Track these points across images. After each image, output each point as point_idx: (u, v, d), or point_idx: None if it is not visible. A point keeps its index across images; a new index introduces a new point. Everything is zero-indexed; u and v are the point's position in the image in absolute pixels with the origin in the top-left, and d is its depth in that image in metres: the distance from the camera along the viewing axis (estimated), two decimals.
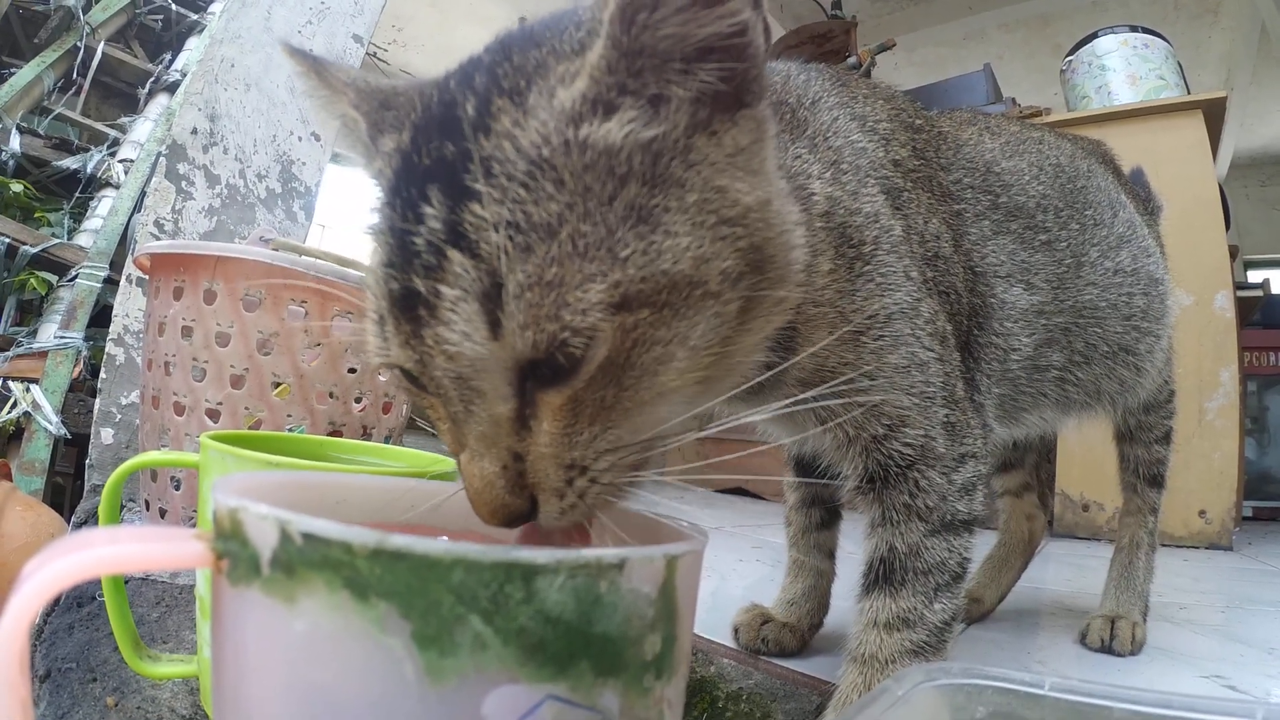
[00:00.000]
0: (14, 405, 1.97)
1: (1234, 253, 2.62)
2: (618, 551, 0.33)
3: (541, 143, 0.44)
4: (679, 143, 0.47)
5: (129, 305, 1.69)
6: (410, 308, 0.44)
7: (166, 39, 2.90)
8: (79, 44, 2.59)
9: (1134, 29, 2.81)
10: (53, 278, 2.22)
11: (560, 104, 0.45)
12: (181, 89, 2.53)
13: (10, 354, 2.04)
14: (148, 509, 1.15)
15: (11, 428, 1.96)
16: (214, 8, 2.80)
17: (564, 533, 0.47)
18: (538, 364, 0.44)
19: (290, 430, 1.09)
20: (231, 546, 0.34)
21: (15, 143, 2.37)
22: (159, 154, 1.96)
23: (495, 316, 0.42)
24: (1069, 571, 1.81)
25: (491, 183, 0.43)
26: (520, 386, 0.45)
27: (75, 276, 2.19)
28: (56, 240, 2.25)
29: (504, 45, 0.50)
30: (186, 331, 1.10)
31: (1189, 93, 2.70)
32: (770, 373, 0.59)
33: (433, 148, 0.46)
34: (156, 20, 2.88)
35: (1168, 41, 2.81)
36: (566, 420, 0.45)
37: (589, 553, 0.33)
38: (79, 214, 2.42)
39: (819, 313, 0.64)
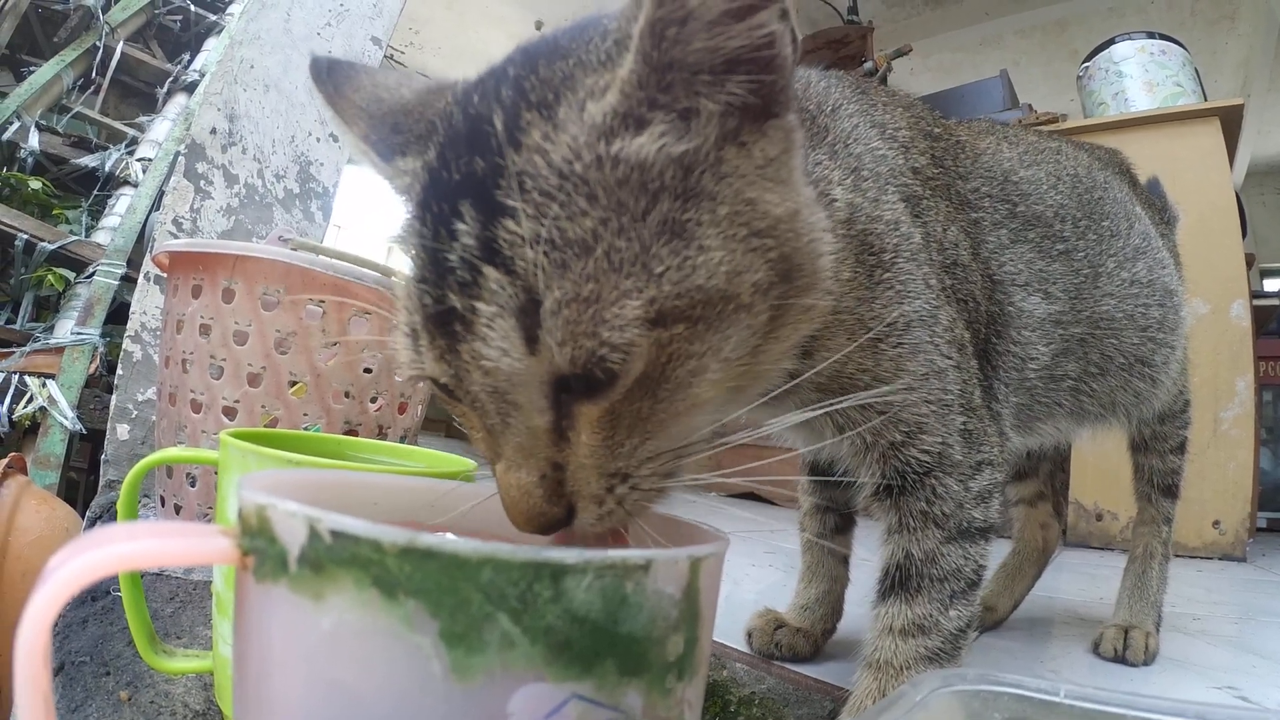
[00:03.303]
0: (30, 400, 1.98)
1: (1250, 261, 2.61)
2: (644, 553, 0.34)
3: (573, 157, 0.44)
4: (709, 155, 0.46)
5: (146, 302, 1.70)
6: (445, 323, 0.44)
7: (185, 39, 2.92)
8: (98, 43, 2.61)
9: (1151, 35, 2.80)
10: (70, 274, 2.24)
11: (591, 118, 0.45)
12: (200, 89, 2.55)
13: (27, 349, 2.06)
14: (163, 505, 1.16)
15: (27, 422, 1.98)
16: (233, 9, 2.82)
17: (599, 536, 0.48)
18: (574, 378, 0.43)
19: (307, 429, 1.09)
20: (258, 543, 0.34)
21: (34, 140, 2.40)
22: (178, 153, 1.97)
23: (533, 333, 0.42)
24: (1082, 581, 1.80)
25: (525, 198, 0.43)
26: (556, 399, 0.44)
27: (93, 273, 2.21)
28: (74, 237, 2.27)
29: (529, 56, 0.50)
30: (204, 329, 1.11)
31: (1206, 99, 2.69)
32: (792, 382, 0.59)
33: (462, 163, 0.45)
34: (175, 21, 2.90)
35: (1185, 48, 2.80)
36: (605, 432, 0.45)
37: (616, 553, 0.33)
38: (97, 211, 2.44)
39: (838, 319, 0.64)
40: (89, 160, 2.49)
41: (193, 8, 2.88)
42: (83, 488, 2.05)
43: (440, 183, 0.46)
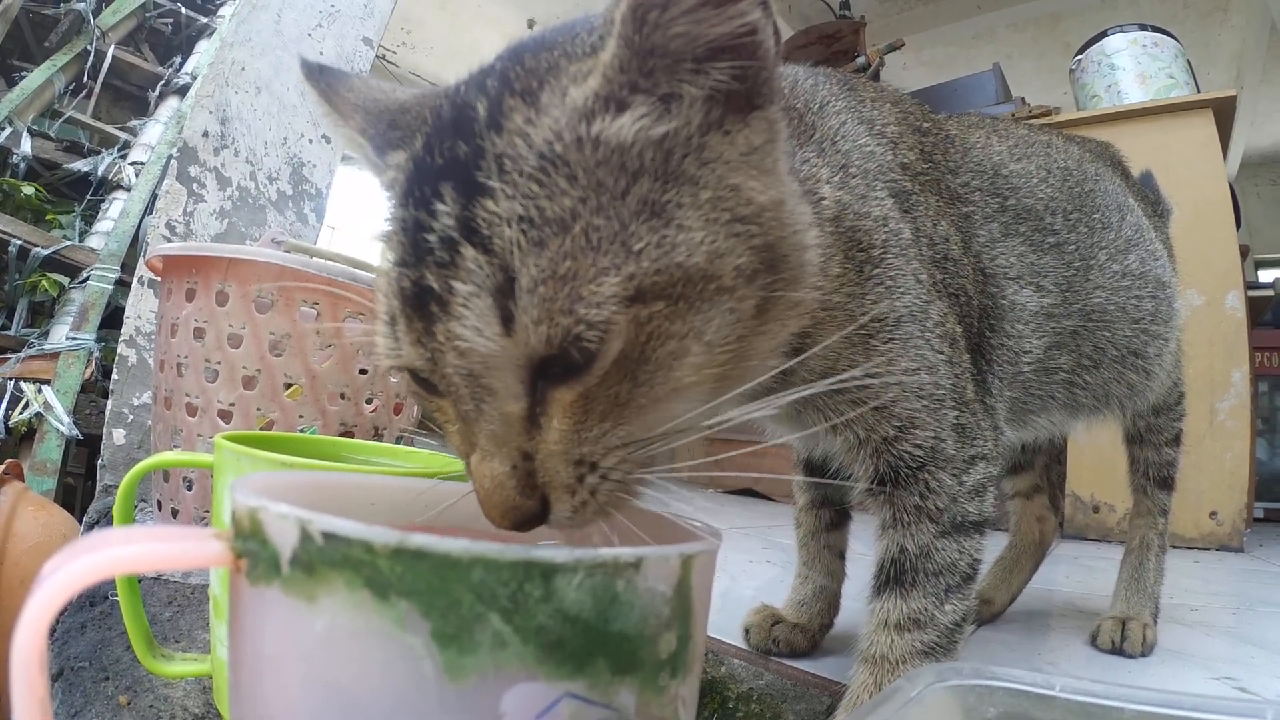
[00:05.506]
0: (26, 406, 1.98)
1: (1245, 252, 2.61)
2: (634, 550, 0.34)
3: (554, 139, 0.44)
4: (692, 140, 0.47)
5: (141, 307, 1.70)
6: (422, 304, 0.44)
7: (176, 42, 2.92)
8: (89, 47, 2.61)
9: (1143, 28, 2.80)
10: (64, 279, 2.24)
11: (572, 101, 0.46)
12: (192, 92, 2.55)
13: (22, 355, 2.06)
14: (160, 509, 1.16)
15: (24, 428, 1.98)
16: (224, 11, 2.82)
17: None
18: (550, 360, 0.44)
19: (303, 431, 1.09)
20: (251, 546, 0.35)
21: (26, 145, 2.39)
22: (170, 156, 1.97)
23: (508, 311, 0.42)
24: (1079, 573, 1.81)
25: (504, 179, 0.43)
26: (532, 384, 0.45)
27: (86, 278, 2.21)
28: (68, 242, 2.27)
29: (516, 51, 0.51)
30: (199, 333, 1.11)
31: (1199, 91, 2.69)
32: (780, 367, 0.59)
33: (445, 147, 0.46)
34: (166, 24, 2.90)
35: (1177, 40, 2.80)
36: (578, 417, 0.45)
37: (606, 552, 0.33)
38: (90, 216, 2.44)
39: (829, 316, 0.64)
40: (81, 165, 2.49)
41: (184, 10, 2.88)
42: (80, 493, 2.05)
43: (424, 168, 0.47)
